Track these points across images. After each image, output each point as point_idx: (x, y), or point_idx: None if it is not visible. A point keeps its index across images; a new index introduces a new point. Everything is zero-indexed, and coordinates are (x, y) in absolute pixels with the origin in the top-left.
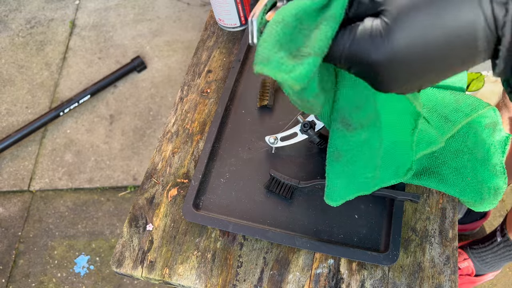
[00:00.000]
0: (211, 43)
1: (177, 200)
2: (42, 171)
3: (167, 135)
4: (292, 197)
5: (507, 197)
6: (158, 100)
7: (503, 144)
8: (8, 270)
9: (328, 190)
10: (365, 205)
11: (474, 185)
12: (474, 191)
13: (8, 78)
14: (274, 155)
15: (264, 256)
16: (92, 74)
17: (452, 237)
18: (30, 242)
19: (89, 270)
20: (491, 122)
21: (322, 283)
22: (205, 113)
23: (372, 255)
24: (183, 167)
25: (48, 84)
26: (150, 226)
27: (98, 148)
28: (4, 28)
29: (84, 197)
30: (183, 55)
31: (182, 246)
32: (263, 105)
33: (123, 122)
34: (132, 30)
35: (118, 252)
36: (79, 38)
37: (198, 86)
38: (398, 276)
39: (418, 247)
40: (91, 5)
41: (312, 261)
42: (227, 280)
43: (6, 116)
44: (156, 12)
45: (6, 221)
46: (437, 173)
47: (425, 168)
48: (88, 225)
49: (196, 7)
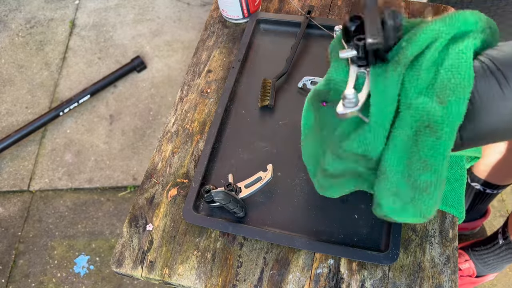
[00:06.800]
0: (211, 43)
1: (177, 200)
2: (42, 171)
3: (167, 135)
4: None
5: (507, 197)
6: (158, 100)
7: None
8: (8, 270)
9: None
10: (365, 205)
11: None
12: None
13: (8, 78)
14: (276, 154)
15: (264, 256)
16: (92, 74)
17: (452, 237)
18: (30, 242)
19: (89, 270)
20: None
21: (322, 283)
22: (205, 113)
23: (372, 255)
24: (183, 167)
25: (48, 84)
26: (150, 226)
27: (98, 148)
28: (4, 28)
29: (84, 197)
30: (183, 55)
31: (182, 246)
32: (264, 105)
33: (123, 122)
34: (132, 30)
35: (118, 252)
36: (79, 38)
37: (198, 86)
38: (398, 276)
39: (418, 247)
40: (91, 5)
41: (312, 261)
42: (227, 280)
43: (6, 116)
44: (156, 12)
45: (6, 221)
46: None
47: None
48: (88, 225)
49: (196, 7)
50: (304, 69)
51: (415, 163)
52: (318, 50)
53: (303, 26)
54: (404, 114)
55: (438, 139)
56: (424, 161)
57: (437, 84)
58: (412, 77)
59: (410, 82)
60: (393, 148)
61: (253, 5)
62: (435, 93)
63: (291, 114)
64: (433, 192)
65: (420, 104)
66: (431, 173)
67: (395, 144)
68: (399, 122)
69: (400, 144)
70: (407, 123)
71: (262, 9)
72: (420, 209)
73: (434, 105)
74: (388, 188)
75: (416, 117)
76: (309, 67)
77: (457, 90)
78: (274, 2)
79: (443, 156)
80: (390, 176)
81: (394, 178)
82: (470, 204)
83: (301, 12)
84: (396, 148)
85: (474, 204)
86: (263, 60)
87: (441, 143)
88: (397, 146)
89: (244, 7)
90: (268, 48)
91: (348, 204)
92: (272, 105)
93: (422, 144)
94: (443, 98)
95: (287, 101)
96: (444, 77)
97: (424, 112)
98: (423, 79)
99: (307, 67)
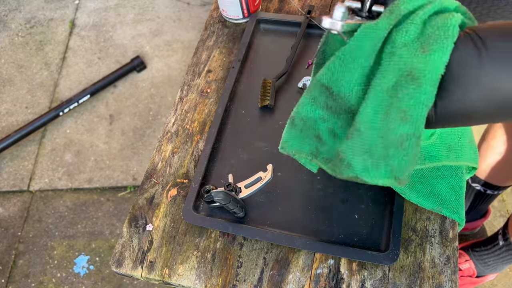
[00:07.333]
0: (211, 43)
1: (177, 200)
2: (41, 171)
3: (167, 135)
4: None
5: (507, 197)
6: (158, 100)
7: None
8: (8, 270)
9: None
10: (365, 205)
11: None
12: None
13: (8, 78)
14: (276, 154)
15: (264, 256)
16: (91, 74)
17: (453, 237)
18: (30, 242)
19: (89, 270)
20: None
21: (322, 283)
22: (205, 113)
23: (372, 255)
24: (183, 167)
25: (47, 84)
26: (150, 226)
27: (98, 148)
28: (4, 28)
29: (83, 197)
30: (183, 55)
31: (182, 246)
32: (264, 105)
33: (123, 122)
34: (132, 30)
35: (118, 252)
36: (78, 38)
37: (198, 86)
38: (398, 276)
39: (418, 247)
40: (90, 5)
41: (312, 261)
42: (227, 280)
43: (5, 116)
44: (156, 12)
45: (6, 221)
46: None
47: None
48: (88, 225)
49: (196, 7)
50: (304, 69)
51: (393, 114)
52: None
53: (303, 26)
54: (386, 63)
55: (419, 87)
56: (403, 111)
57: (423, 36)
58: (401, 29)
59: (398, 33)
60: (371, 99)
61: (253, 5)
62: (420, 44)
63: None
64: (407, 148)
65: (403, 52)
66: (409, 124)
67: (374, 94)
68: (380, 73)
69: (379, 95)
70: (388, 71)
71: (262, 9)
72: (392, 167)
73: (418, 53)
74: (361, 145)
75: (398, 65)
76: (309, 67)
77: (440, 39)
78: (274, 2)
79: (422, 104)
80: (364, 131)
81: (367, 134)
82: (470, 205)
83: (301, 12)
84: (374, 99)
85: (475, 205)
86: (263, 60)
87: (422, 91)
88: (376, 97)
89: (244, 7)
90: (268, 48)
91: (348, 204)
92: (272, 105)
93: (403, 93)
94: (427, 47)
95: (287, 101)
96: (430, 30)
97: (407, 60)
98: (411, 33)
99: (307, 67)
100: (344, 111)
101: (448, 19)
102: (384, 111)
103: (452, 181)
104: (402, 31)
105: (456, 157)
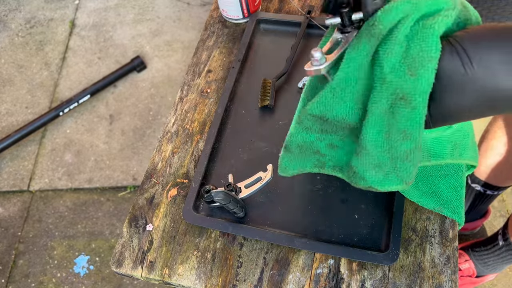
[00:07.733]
0: (211, 43)
1: (177, 200)
2: (41, 171)
3: (167, 135)
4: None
5: (507, 197)
6: (158, 100)
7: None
8: (8, 270)
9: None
10: (365, 205)
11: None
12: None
13: (8, 78)
14: (276, 154)
15: (264, 256)
16: (91, 74)
17: (453, 237)
18: (30, 242)
19: (89, 270)
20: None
21: (322, 283)
22: (205, 113)
23: (372, 255)
24: (183, 167)
25: (47, 84)
26: (150, 226)
27: (98, 148)
28: (4, 28)
29: (83, 197)
30: (183, 55)
31: (182, 246)
32: (264, 105)
33: (123, 122)
34: (132, 30)
35: (118, 252)
36: (78, 38)
37: (198, 86)
38: (398, 276)
39: (418, 247)
40: (90, 5)
41: (312, 261)
42: (227, 280)
43: (5, 116)
44: (156, 12)
45: (6, 221)
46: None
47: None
48: (88, 225)
49: (196, 7)
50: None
51: (395, 135)
52: None
53: (303, 26)
54: (379, 88)
55: (413, 109)
56: (403, 131)
57: (408, 58)
58: (386, 50)
59: (384, 55)
60: (371, 122)
61: (253, 5)
62: (407, 66)
63: (291, 114)
64: (413, 159)
65: (393, 78)
66: (410, 141)
67: (373, 117)
68: (374, 96)
69: (378, 118)
70: (382, 96)
71: (262, 9)
72: (402, 176)
73: (406, 77)
74: (371, 161)
75: (390, 90)
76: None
77: (425, 62)
78: (274, 2)
79: (419, 124)
80: (371, 150)
81: (375, 152)
82: (470, 205)
83: (301, 12)
84: (374, 122)
85: (475, 205)
86: (263, 60)
87: (416, 113)
88: (375, 119)
89: (244, 7)
90: (268, 48)
91: (348, 204)
92: (272, 105)
93: (399, 116)
94: (414, 71)
95: (287, 101)
96: (414, 50)
97: (398, 85)
98: (396, 53)
99: None
100: (341, 129)
101: (429, 35)
102: (385, 130)
103: (453, 180)
104: (387, 53)
105: (459, 155)
